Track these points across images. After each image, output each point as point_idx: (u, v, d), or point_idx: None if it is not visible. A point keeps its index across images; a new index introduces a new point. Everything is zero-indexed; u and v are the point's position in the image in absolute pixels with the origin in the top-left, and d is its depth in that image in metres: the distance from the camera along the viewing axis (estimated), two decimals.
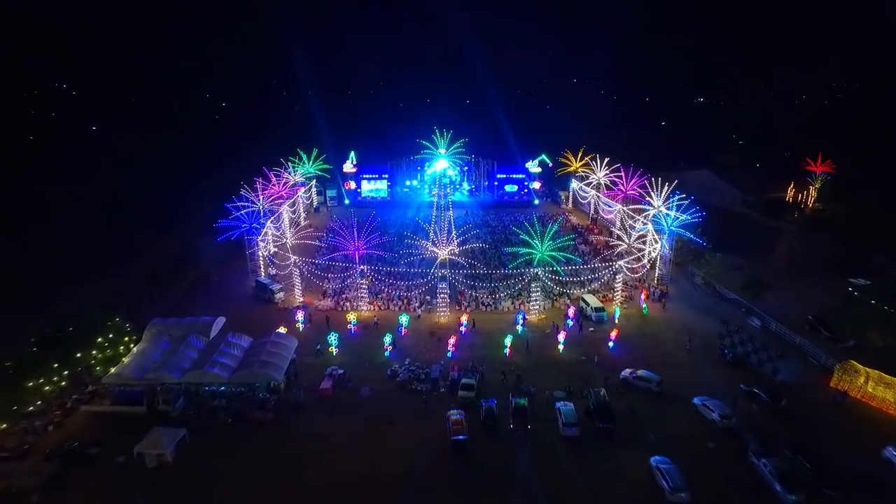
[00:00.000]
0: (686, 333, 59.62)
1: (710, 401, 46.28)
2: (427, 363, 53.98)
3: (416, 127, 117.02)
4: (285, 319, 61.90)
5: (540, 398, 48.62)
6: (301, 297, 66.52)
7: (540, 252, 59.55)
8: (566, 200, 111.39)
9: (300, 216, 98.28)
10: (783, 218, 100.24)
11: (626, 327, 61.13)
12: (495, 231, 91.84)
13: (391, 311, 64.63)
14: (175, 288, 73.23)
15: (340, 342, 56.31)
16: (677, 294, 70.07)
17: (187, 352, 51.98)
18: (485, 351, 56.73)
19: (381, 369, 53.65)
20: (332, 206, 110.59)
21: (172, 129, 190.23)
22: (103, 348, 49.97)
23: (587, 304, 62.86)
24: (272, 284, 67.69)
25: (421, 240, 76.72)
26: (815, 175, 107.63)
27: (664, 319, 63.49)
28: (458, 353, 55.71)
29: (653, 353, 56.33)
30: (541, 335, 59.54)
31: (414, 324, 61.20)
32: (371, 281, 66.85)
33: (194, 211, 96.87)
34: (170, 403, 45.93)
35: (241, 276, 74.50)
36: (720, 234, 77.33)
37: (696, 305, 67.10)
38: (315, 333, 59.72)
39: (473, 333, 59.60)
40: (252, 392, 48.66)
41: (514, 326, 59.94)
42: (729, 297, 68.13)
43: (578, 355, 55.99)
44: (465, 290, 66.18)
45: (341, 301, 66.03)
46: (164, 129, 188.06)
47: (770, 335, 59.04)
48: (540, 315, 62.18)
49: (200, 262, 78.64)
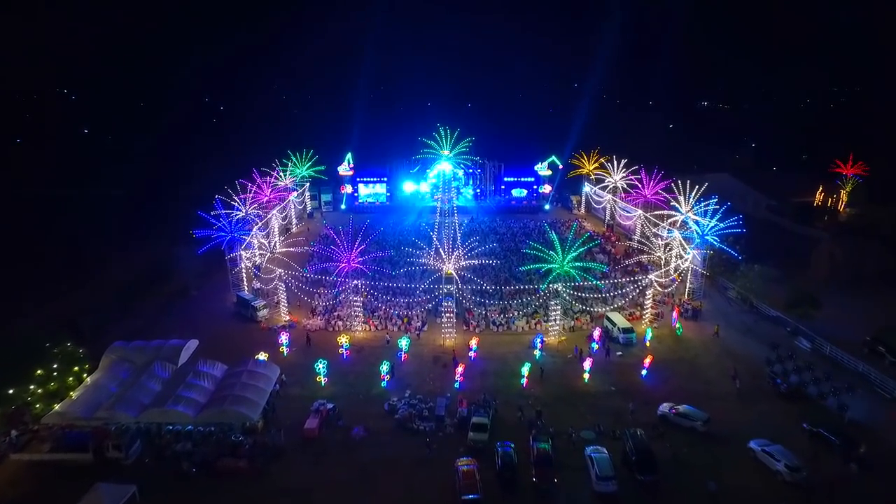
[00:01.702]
0: (728, 358, 52.01)
1: (771, 446, 38.49)
2: (431, 395, 46.24)
3: (418, 127, 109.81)
4: (268, 341, 54.24)
5: (564, 439, 40.94)
6: (287, 315, 58.86)
7: (560, 265, 51.76)
8: (578, 205, 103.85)
9: (291, 222, 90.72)
10: (813, 224, 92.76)
11: (657, 350, 53.38)
12: (504, 239, 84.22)
13: (389, 331, 56.91)
14: (149, 302, 65.82)
15: (330, 369, 48.58)
16: (711, 311, 62.34)
17: (149, 383, 44.26)
18: (498, 380, 48.97)
19: (376, 402, 45.93)
20: (327, 211, 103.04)
21: (151, 128, 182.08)
22: (45, 381, 42.08)
23: (613, 323, 55.11)
24: (255, 300, 60.00)
25: (424, 250, 69.31)
26: (846, 177, 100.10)
27: (700, 341, 55.72)
28: (467, 382, 47.99)
29: (692, 383, 48.59)
30: (561, 361, 51.77)
31: (415, 347, 53.47)
32: (366, 296, 59.26)
33: (174, 217, 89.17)
34: (122, 449, 38.09)
35: (223, 290, 66.80)
36: (744, 242, 69.69)
37: (734, 324, 59.37)
38: (302, 358, 52.04)
39: (484, 359, 51.86)
40: (223, 433, 40.92)
41: (531, 350, 52.25)
42: (770, 315, 60.48)
43: (606, 385, 48.25)
44: (474, 308, 58.49)
45: (332, 320, 58.29)
46: (142, 129, 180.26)
47: (823, 359, 51.37)
48: (560, 337, 54.41)
49: (179, 273, 71.10)
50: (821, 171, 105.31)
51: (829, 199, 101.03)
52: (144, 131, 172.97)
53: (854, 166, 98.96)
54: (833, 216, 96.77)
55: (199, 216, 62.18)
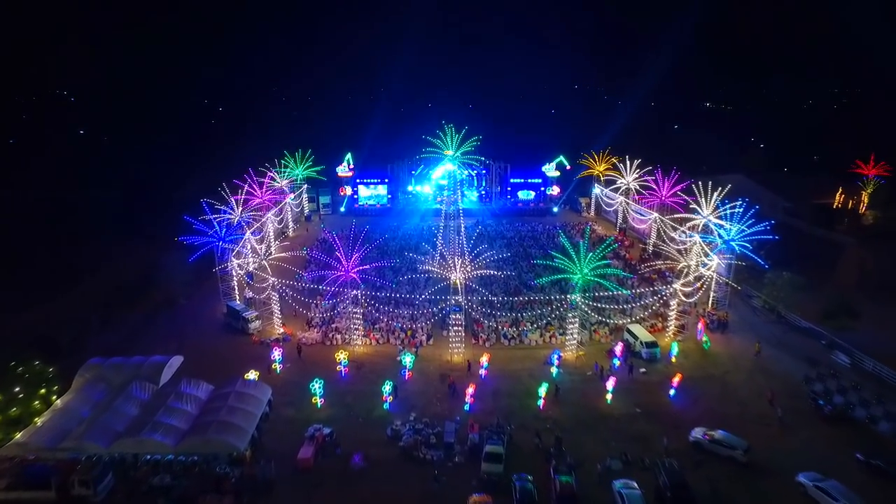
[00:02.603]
0: (761, 375, 47.64)
1: (824, 482, 34.03)
2: (438, 419, 41.82)
3: (419, 126, 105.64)
4: (260, 356, 49.84)
5: (589, 469, 36.57)
6: (280, 328, 54.47)
7: (580, 274, 47.29)
8: (587, 208, 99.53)
9: (288, 226, 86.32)
10: (834, 227, 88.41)
11: (683, 367, 48.97)
12: (511, 243, 79.87)
13: (391, 345, 52.49)
14: (134, 312, 61.41)
15: (326, 389, 44.13)
16: (736, 321, 57.94)
17: (126, 407, 39.79)
18: (511, 401, 44.52)
19: (378, 427, 41.51)
20: (326, 214, 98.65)
21: (149, 130, 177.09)
22: (5, 407, 37.53)
23: (635, 337, 50.66)
24: (246, 311, 55.56)
25: (429, 256, 65.02)
26: (867, 179, 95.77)
27: (729, 356, 51.28)
28: (478, 403, 43.56)
29: (724, 405, 44.15)
30: (580, 379, 47.33)
31: (420, 363, 48.97)
32: (366, 307, 54.91)
33: (166, 220, 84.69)
34: (91, 485, 33.61)
35: (213, 300, 62.37)
36: (768, 248, 65.33)
37: (763, 336, 54.91)
38: (296, 376, 47.62)
39: (496, 376, 47.41)
40: (207, 464, 36.50)
41: (548, 367, 47.82)
42: (801, 326, 56.11)
43: (631, 407, 43.80)
44: (483, 320, 54.08)
45: (330, 332, 53.83)
46: (140, 131, 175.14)
47: (866, 376, 46.96)
48: (577, 351, 49.96)
49: (167, 281, 66.65)
50: (833, 170, 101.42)
51: (850, 201, 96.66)
52: (143, 133, 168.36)
53: (876, 167, 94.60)
54: (855, 219, 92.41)
55: (186, 221, 57.60)
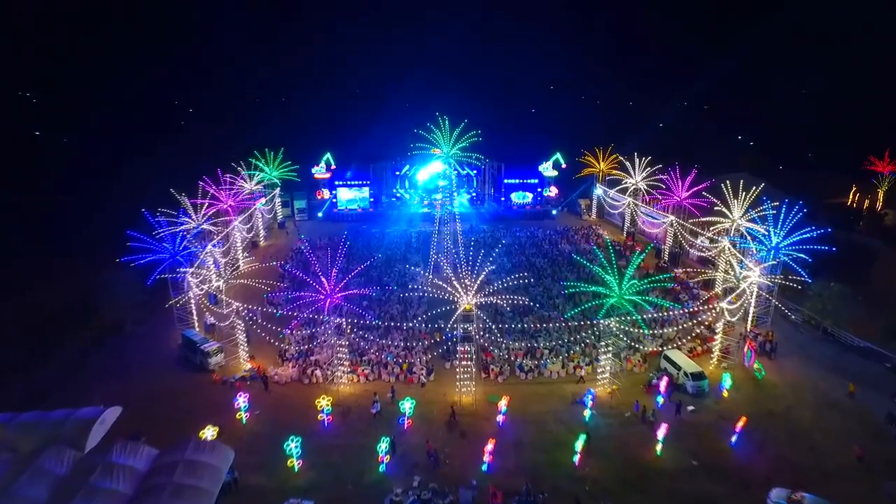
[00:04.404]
0: (830, 410, 39.95)
1: None
2: (449, 483, 32.93)
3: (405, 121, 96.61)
4: (222, 402, 40.20)
5: None
6: (248, 363, 44.87)
7: (617, 295, 38.76)
8: (587, 210, 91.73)
9: (259, 235, 76.31)
10: (853, 229, 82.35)
11: (737, 402, 41.06)
12: (511, 251, 71.44)
13: (384, 382, 43.32)
14: (74, 342, 51.01)
15: (306, 445, 34.79)
16: (780, 340, 50.33)
17: (31, 489, 29.37)
18: (538, 454, 35.82)
19: (373, 496, 32.44)
20: (302, 220, 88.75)
21: (91, 124, 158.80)
22: None
23: (676, 366, 42.44)
24: (205, 343, 45.68)
25: (420, 269, 56.21)
26: (883, 176, 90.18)
27: (786, 386, 43.48)
28: (498, 461, 34.75)
29: (796, 452, 36.20)
30: (617, 422, 38.86)
31: (421, 406, 39.76)
32: (351, 332, 45.75)
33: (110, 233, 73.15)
34: None
35: (168, 326, 52.30)
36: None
37: (814, 358, 47.45)
38: (267, 427, 38.20)
39: (515, 421, 38.64)
40: None
41: (578, 408, 39.29)
42: (855, 345, 48.88)
43: (685, 458, 35.53)
44: (493, 349, 45.31)
45: (309, 367, 44.37)
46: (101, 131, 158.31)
47: None
48: (611, 386, 41.48)
49: (116, 302, 56.32)
50: (842, 167, 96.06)
51: (866, 201, 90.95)
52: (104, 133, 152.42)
53: (893, 163, 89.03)
54: (875, 219, 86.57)
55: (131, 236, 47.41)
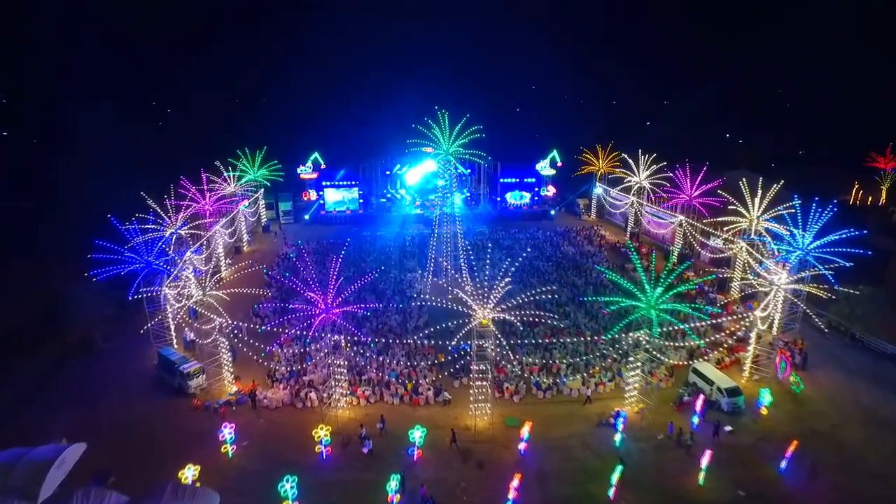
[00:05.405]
0: (880, 427, 36.58)
1: None
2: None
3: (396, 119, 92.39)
4: (204, 432, 35.38)
5: None
6: (234, 385, 40.06)
7: (648, 305, 34.87)
8: (586, 210, 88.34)
9: (242, 239, 71.20)
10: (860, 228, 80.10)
11: (777, 421, 37.50)
12: (514, 254, 67.43)
13: (387, 404, 38.86)
14: (35, 360, 45.56)
15: (302, 483, 30.17)
16: (809, 349, 47.09)
17: None
18: (566, 487, 31.67)
19: None
20: (287, 223, 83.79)
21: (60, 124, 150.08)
22: None
23: (708, 381, 38.75)
24: (184, 363, 40.68)
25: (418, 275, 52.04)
26: (885, 172, 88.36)
27: (827, 400, 40.02)
28: (523, 496, 30.51)
29: (853, 478, 32.62)
30: (651, 446, 34.91)
31: (431, 432, 35.27)
32: (348, 348, 41.33)
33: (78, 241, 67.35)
34: None
35: (143, 342, 47.07)
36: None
37: (848, 368, 44.28)
38: (258, 461, 33.51)
39: (536, 447, 34.45)
40: None
41: (606, 431, 35.30)
42: (889, 352, 45.88)
43: (730, 488, 31.69)
44: (506, 364, 41.13)
45: (302, 389, 39.68)
46: (46, 125, 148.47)
47: None
48: (638, 404, 37.59)
49: (85, 316, 51.01)
50: (839, 164, 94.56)
51: (868, 198, 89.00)
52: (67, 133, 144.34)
53: (895, 159, 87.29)
54: (881, 217, 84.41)
55: (99, 245, 42.29)
